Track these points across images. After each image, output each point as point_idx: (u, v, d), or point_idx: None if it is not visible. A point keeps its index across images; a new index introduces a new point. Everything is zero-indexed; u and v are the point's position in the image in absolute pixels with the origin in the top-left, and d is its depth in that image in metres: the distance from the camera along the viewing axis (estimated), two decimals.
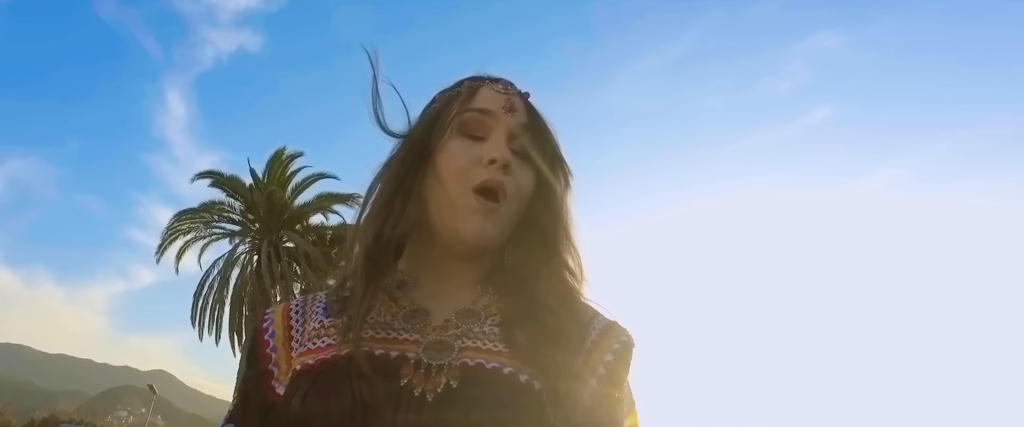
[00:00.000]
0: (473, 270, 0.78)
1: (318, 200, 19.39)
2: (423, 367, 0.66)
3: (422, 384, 0.65)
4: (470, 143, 0.75)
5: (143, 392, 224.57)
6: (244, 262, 18.37)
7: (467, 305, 0.74)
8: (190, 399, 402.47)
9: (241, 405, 0.75)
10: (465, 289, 0.77)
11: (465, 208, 0.72)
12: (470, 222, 0.72)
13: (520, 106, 0.78)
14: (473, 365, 0.66)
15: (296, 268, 18.40)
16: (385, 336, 0.71)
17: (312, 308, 0.79)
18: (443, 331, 0.71)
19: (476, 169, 0.72)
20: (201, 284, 18.25)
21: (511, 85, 0.81)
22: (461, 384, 0.64)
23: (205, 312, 18.04)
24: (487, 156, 0.73)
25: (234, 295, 17.92)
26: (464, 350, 0.68)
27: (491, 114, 0.76)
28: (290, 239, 18.38)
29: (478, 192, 0.72)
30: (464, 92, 0.78)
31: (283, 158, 19.44)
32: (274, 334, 0.76)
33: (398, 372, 0.66)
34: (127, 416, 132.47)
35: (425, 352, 0.68)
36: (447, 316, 0.73)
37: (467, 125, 0.75)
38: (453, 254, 0.77)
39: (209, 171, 18.88)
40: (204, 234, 18.66)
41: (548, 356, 0.68)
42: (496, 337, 0.70)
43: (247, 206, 18.81)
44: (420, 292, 0.76)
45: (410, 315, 0.73)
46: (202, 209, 18.72)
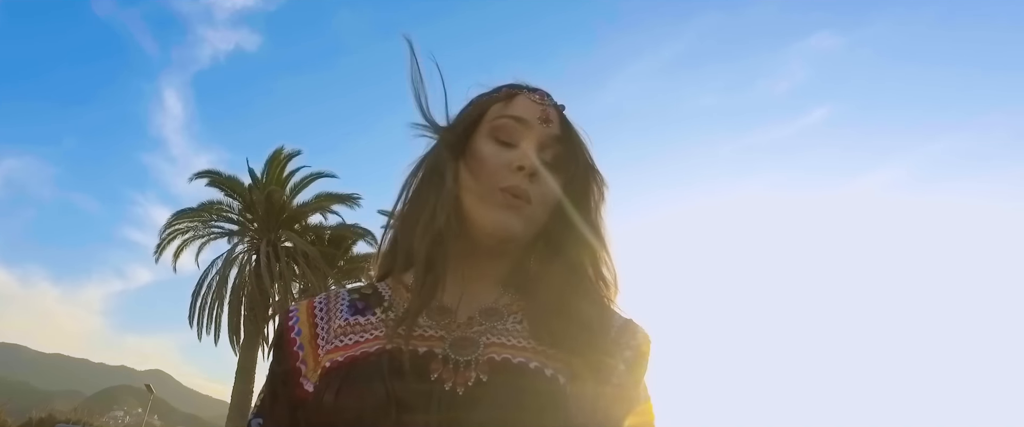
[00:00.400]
0: (495, 270, 0.79)
1: (317, 200, 19.37)
2: (451, 363, 0.67)
3: (452, 379, 0.66)
4: (501, 148, 0.76)
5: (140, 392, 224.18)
6: (242, 262, 18.35)
7: (490, 303, 0.76)
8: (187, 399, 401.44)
9: (270, 401, 0.76)
10: (487, 288, 0.78)
11: (491, 202, 0.74)
12: (494, 214, 0.74)
13: (555, 117, 0.80)
14: (500, 360, 0.68)
15: (295, 268, 18.38)
16: (412, 333, 0.72)
17: (336, 306, 0.80)
18: (468, 328, 0.73)
19: (504, 173, 0.74)
20: (199, 283, 18.24)
21: (548, 96, 0.82)
22: (490, 379, 0.66)
23: (204, 312, 18.01)
24: (516, 162, 0.74)
25: (233, 295, 17.89)
26: (489, 346, 0.70)
27: (525, 122, 0.77)
28: (288, 239, 18.36)
29: (503, 192, 0.74)
30: (501, 98, 0.80)
31: (281, 157, 19.41)
32: (300, 332, 0.77)
33: (428, 368, 0.67)
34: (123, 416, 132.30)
35: (451, 348, 0.69)
36: (471, 314, 0.75)
37: (500, 131, 0.77)
38: (476, 253, 0.78)
39: (207, 171, 18.88)
40: (202, 233, 18.65)
41: (571, 352, 0.69)
42: (520, 333, 0.72)
43: (245, 205, 18.78)
44: (443, 290, 0.77)
45: (434, 312, 0.75)
46: (200, 209, 18.70)
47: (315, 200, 19.36)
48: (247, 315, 17.69)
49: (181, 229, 18.43)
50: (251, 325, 17.73)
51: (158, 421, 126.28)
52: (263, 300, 17.66)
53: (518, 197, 0.74)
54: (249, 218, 18.92)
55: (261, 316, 17.83)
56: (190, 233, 18.49)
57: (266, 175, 19.12)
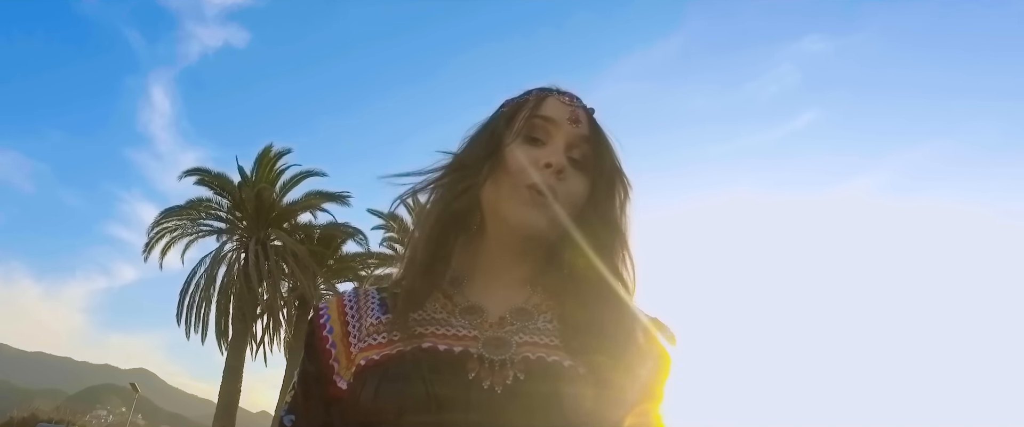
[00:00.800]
0: (522, 269, 0.81)
1: (307, 198, 19.28)
2: (486, 362, 0.69)
3: (490, 378, 0.67)
4: (531, 147, 0.78)
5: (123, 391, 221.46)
6: (231, 260, 18.21)
7: (520, 304, 0.78)
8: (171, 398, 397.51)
9: (302, 398, 0.76)
10: (515, 288, 0.80)
11: (516, 199, 0.75)
12: (519, 211, 0.75)
13: (584, 119, 0.82)
14: (534, 359, 0.69)
15: (284, 267, 18.26)
16: (445, 332, 0.73)
17: (366, 303, 0.80)
18: (499, 328, 0.74)
19: (531, 171, 0.76)
20: (187, 282, 18.09)
21: (577, 98, 0.84)
22: (527, 378, 0.67)
23: (192, 310, 17.86)
24: (544, 160, 0.76)
25: (221, 294, 17.75)
26: (522, 345, 0.71)
27: (554, 122, 0.79)
28: (278, 237, 18.24)
29: (529, 189, 0.76)
30: (532, 100, 0.82)
31: (271, 155, 19.29)
32: (332, 330, 0.77)
33: (464, 367, 0.68)
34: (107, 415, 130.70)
35: (484, 347, 0.70)
36: (502, 314, 0.76)
37: (530, 130, 0.79)
38: (503, 251, 0.80)
39: (196, 168, 18.74)
40: (191, 231, 18.50)
41: (602, 350, 0.71)
42: (551, 332, 0.74)
43: (235, 204, 18.63)
44: (472, 289, 0.79)
45: (465, 311, 0.76)
46: (189, 206, 18.53)
47: (305, 198, 19.26)
48: (235, 314, 17.56)
49: (169, 227, 18.27)
50: (239, 324, 17.60)
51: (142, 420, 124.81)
52: (251, 299, 17.53)
53: (543, 194, 0.75)
54: (238, 216, 18.78)
55: (250, 315, 17.71)
56: (179, 231, 18.34)
57: (256, 173, 18.99)
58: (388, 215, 20.24)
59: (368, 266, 20.05)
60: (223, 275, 17.95)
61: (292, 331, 18.97)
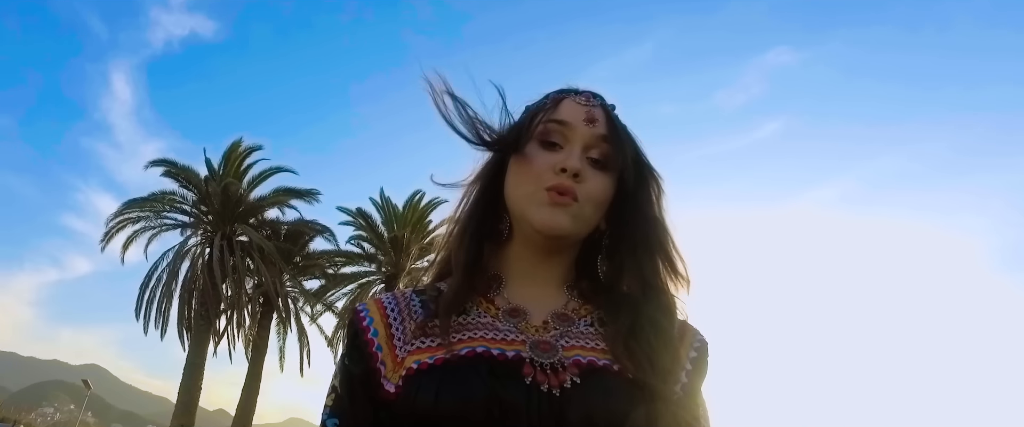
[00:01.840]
0: (555, 268, 0.82)
1: (275, 194, 18.99)
2: (538, 365, 0.70)
3: (546, 381, 0.68)
4: (547, 152, 0.79)
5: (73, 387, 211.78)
6: (195, 255, 17.81)
7: (559, 309, 0.79)
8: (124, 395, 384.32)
9: (348, 401, 0.75)
10: (552, 290, 0.81)
11: (538, 202, 0.76)
12: (541, 213, 0.76)
13: (601, 117, 0.81)
14: (585, 363, 0.71)
15: (249, 263, 17.96)
16: (493, 336, 0.73)
17: (407, 306, 0.80)
18: (544, 332, 0.75)
19: (548, 175, 0.77)
20: (148, 276, 17.64)
21: (595, 97, 0.84)
22: (582, 381, 0.69)
23: (152, 305, 17.43)
24: (560, 164, 0.76)
25: (183, 288, 17.35)
26: (569, 349, 0.73)
27: (569, 125, 0.79)
28: (244, 233, 17.93)
29: (548, 192, 0.76)
30: (549, 104, 0.82)
31: (240, 150, 18.94)
32: (376, 332, 0.77)
33: (520, 370, 0.69)
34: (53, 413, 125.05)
35: (532, 351, 0.71)
36: (544, 317, 0.77)
37: (546, 135, 0.80)
38: (535, 252, 0.81)
39: (162, 159, 18.31)
40: (154, 224, 18.03)
41: (644, 354, 0.72)
42: (594, 336, 0.75)
43: (201, 197, 18.24)
44: (512, 292, 0.80)
45: (508, 314, 0.77)
46: (153, 198, 18.07)
47: (273, 194, 18.97)
48: (198, 310, 17.19)
49: (131, 218, 17.76)
50: (202, 320, 17.23)
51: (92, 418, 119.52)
52: (215, 295, 17.19)
53: (563, 194, 0.75)
54: (204, 210, 18.37)
55: (213, 311, 17.35)
56: (141, 223, 17.86)
57: (223, 167, 18.62)
58: (357, 213, 20.15)
59: (336, 264, 19.84)
60: (186, 270, 17.57)
61: (255, 328, 18.66)
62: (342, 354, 0.78)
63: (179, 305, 17.32)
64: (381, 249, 19.90)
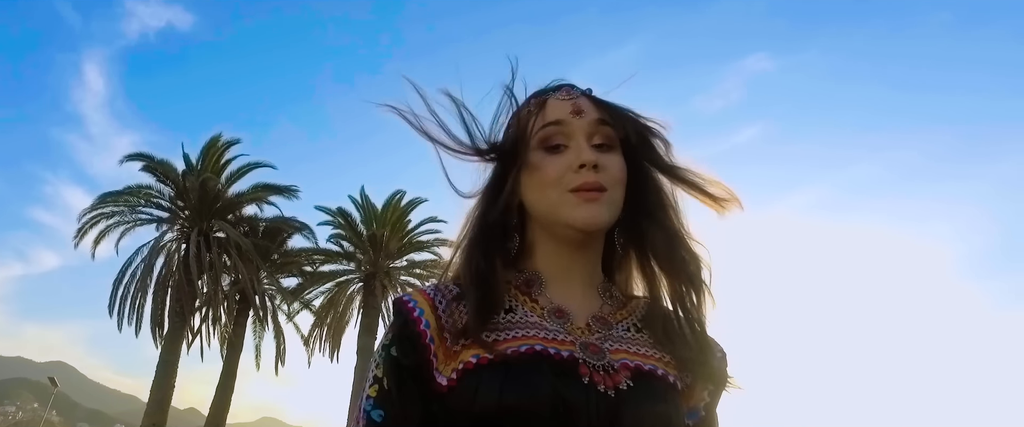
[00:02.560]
0: (586, 265, 0.82)
1: (253, 190, 18.78)
2: (590, 366, 0.71)
3: (603, 382, 0.70)
4: (555, 156, 0.79)
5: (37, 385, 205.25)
6: (170, 251, 17.57)
7: (596, 311, 0.80)
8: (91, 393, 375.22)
9: (396, 392, 0.73)
10: (587, 291, 0.82)
11: (565, 205, 0.77)
12: (578, 212, 0.76)
13: (586, 105, 0.81)
14: (633, 366, 0.73)
15: (226, 259, 17.77)
16: (544, 336, 0.73)
17: (454, 299, 0.78)
18: (588, 333, 0.76)
19: (568, 176, 0.77)
20: (122, 272, 17.33)
21: (572, 88, 0.84)
22: (634, 384, 0.71)
23: (125, 301, 17.13)
24: (576, 162, 0.77)
25: (158, 285, 17.10)
26: (615, 353, 0.74)
27: (563, 123, 0.80)
28: (221, 229, 17.72)
29: (575, 193, 0.77)
30: (534, 109, 0.82)
31: (219, 145, 18.70)
32: (428, 324, 0.75)
33: (577, 370, 0.70)
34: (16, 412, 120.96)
35: (582, 352, 0.72)
36: (585, 320, 0.78)
37: (546, 140, 0.80)
38: (569, 249, 0.81)
39: (139, 153, 17.95)
40: (129, 219, 17.70)
41: (680, 360, 0.76)
42: (634, 340, 0.77)
43: (178, 192, 17.98)
44: (552, 292, 0.80)
45: (554, 315, 0.77)
46: (128, 193, 17.76)
47: (252, 190, 18.76)
48: (173, 306, 16.96)
49: (106, 213, 17.44)
50: (176, 317, 16.99)
51: (57, 417, 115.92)
52: (191, 291, 16.97)
53: (591, 190, 0.76)
54: (180, 205, 18.11)
55: (188, 308, 17.13)
56: (115, 218, 17.53)
57: (202, 162, 18.38)
58: (336, 211, 20.03)
59: (314, 262, 19.70)
60: (161, 266, 17.31)
61: (231, 326, 18.47)
62: (384, 345, 0.76)
63: (154, 301, 17.05)
64: (360, 248, 19.82)
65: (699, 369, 0.76)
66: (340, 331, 19.74)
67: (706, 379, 0.77)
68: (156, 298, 17.03)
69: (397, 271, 20.31)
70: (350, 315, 19.91)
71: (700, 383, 0.77)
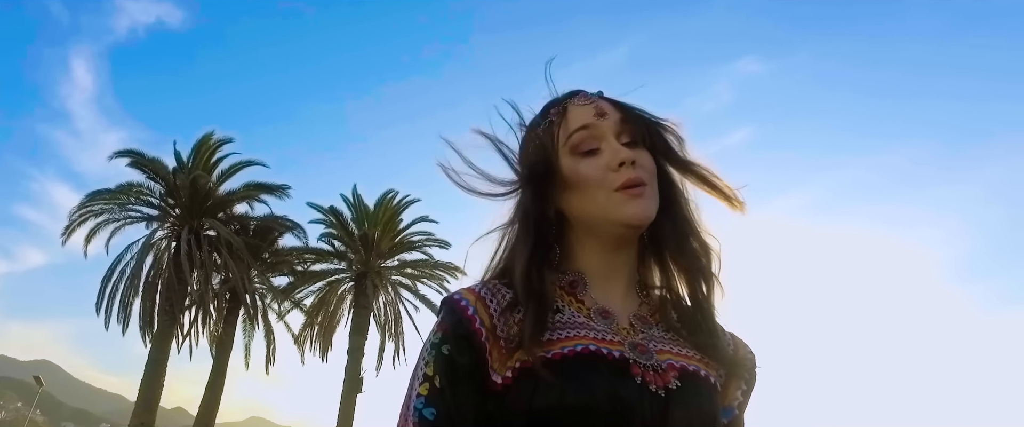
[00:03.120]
0: (626, 264, 0.84)
1: (245, 188, 18.68)
2: (641, 366, 0.72)
3: (654, 381, 0.71)
4: (590, 159, 0.80)
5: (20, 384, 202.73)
6: (160, 249, 17.45)
7: (635, 310, 0.82)
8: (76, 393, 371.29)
9: (450, 392, 0.72)
10: (628, 291, 0.83)
11: (616, 204, 0.78)
12: (629, 209, 0.77)
13: (606, 106, 0.83)
14: (679, 366, 0.74)
15: (216, 258, 17.68)
16: (595, 336, 0.74)
17: (504, 300, 0.78)
18: (633, 333, 0.78)
19: (611, 176, 0.78)
20: (111, 270, 17.19)
21: (587, 93, 0.86)
22: (682, 383, 0.72)
23: (114, 300, 17.00)
24: (615, 161, 0.78)
25: (148, 283, 16.99)
26: (660, 353, 0.75)
27: (591, 127, 0.81)
28: (212, 227, 17.61)
29: (621, 191, 0.78)
30: (556, 119, 0.84)
31: (211, 143, 18.60)
32: (483, 323, 0.75)
33: (629, 370, 0.71)
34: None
35: (631, 352, 0.73)
36: (628, 320, 0.80)
37: (578, 145, 0.81)
38: (613, 248, 0.82)
39: (129, 150, 17.79)
40: (118, 217, 17.55)
41: (718, 362, 0.78)
42: (673, 341, 0.79)
43: (168, 190, 17.87)
44: (596, 293, 0.81)
45: (600, 315, 0.78)
46: (118, 190, 17.61)
47: (243, 189, 18.64)
48: (162, 305, 16.85)
49: (95, 211, 17.27)
50: (166, 316, 16.89)
51: (41, 417, 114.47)
52: (181, 290, 16.87)
53: (636, 186, 0.78)
54: (171, 203, 18.00)
55: (178, 306, 17.03)
56: (105, 215, 17.36)
57: (193, 159, 18.27)
58: (328, 210, 19.99)
59: (305, 261, 19.65)
60: (151, 264, 17.20)
61: (221, 324, 18.38)
62: (434, 343, 0.75)
63: (143, 300, 16.91)
64: (351, 247, 19.78)
65: (729, 366, 0.79)
66: (331, 330, 19.70)
67: (739, 377, 0.80)
68: (146, 296, 16.90)
69: (388, 271, 20.29)
70: (341, 315, 19.90)
71: (733, 382, 0.79)
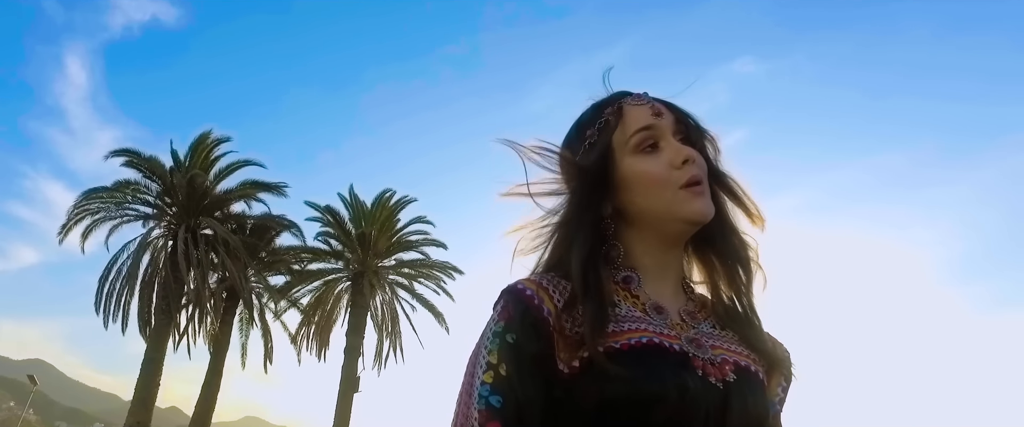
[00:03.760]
0: (677, 260, 0.86)
1: (242, 187, 18.67)
2: (701, 360, 0.74)
3: (714, 374, 0.73)
4: (653, 156, 0.82)
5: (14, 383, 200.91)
6: (157, 247, 17.44)
7: (683, 306, 0.83)
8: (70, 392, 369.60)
9: (516, 378, 0.72)
10: (677, 288, 0.85)
11: (680, 201, 0.80)
12: (693, 206, 0.80)
13: (660, 107, 0.86)
14: (732, 361, 0.76)
15: (213, 257, 17.67)
16: (655, 329, 0.76)
17: (566, 292, 0.78)
18: (685, 329, 0.79)
19: (675, 175, 0.81)
20: (108, 268, 17.14)
21: (636, 93, 0.88)
22: (738, 377, 0.74)
23: (111, 298, 16.96)
24: (678, 159, 0.81)
25: (144, 281, 16.97)
26: (713, 348, 0.77)
27: (651, 127, 0.83)
28: (209, 226, 17.61)
29: (685, 188, 0.80)
30: (612, 118, 0.85)
31: (208, 142, 18.59)
32: (550, 312, 0.75)
33: (691, 361, 0.73)
34: None
35: (689, 345, 0.75)
36: (677, 314, 0.81)
37: (641, 144, 0.83)
38: (669, 244, 0.84)
39: (125, 148, 17.80)
40: (115, 215, 17.53)
41: (761, 356, 0.80)
42: (723, 337, 0.81)
43: (165, 189, 17.85)
44: (648, 288, 0.83)
45: (653, 310, 0.80)
46: (115, 188, 17.58)
47: (240, 187, 18.64)
48: (159, 304, 16.84)
49: (92, 209, 17.25)
50: (163, 314, 16.87)
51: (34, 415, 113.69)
52: (178, 288, 16.86)
53: (698, 184, 0.80)
54: (168, 202, 17.97)
55: (175, 305, 17.02)
56: (101, 214, 17.34)
57: (190, 158, 18.25)
58: (325, 209, 19.98)
59: (302, 260, 19.65)
60: (148, 263, 17.17)
61: (218, 323, 18.37)
62: (497, 332, 0.76)
63: (140, 299, 16.89)
64: (349, 246, 19.80)
65: (773, 363, 0.81)
66: (328, 330, 19.70)
67: (779, 373, 0.82)
68: (142, 295, 16.88)
69: (385, 270, 20.30)
70: (338, 314, 19.90)
71: (773, 378, 0.82)
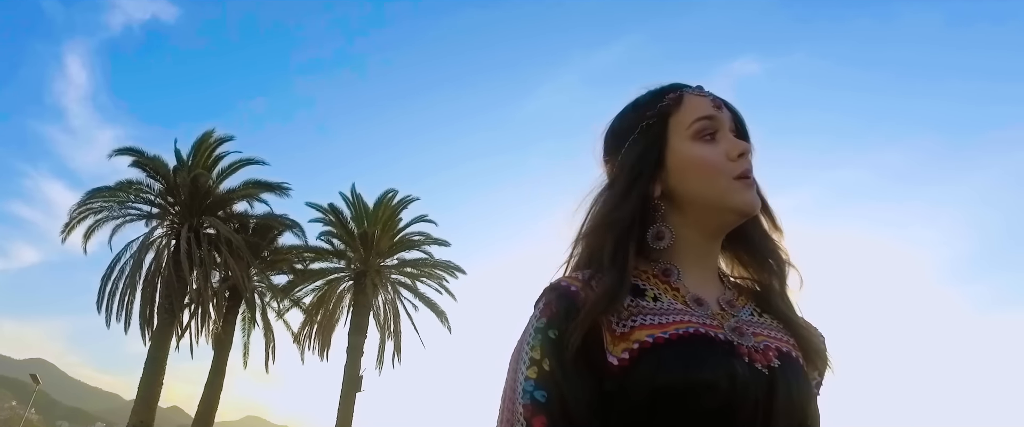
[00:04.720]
0: (715, 253, 0.88)
1: (245, 187, 18.67)
2: (746, 347, 0.75)
3: (759, 361, 0.74)
4: (711, 145, 0.84)
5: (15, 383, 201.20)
6: (160, 247, 17.44)
7: (720, 295, 0.84)
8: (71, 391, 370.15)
9: (560, 371, 0.72)
10: (713, 279, 0.86)
11: (734, 190, 0.82)
12: (742, 197, 0.82)
13: (720, 101, 0.88)
14: (774, 347, 0.77)
15: (216, 256, 17.67)
16: (698, 320, 0.77)
17: (588, 283, 0.80)
18: (726, 318, 0.80)
19: (730, 165, 0.83)
20: (111, 267, 17.13)
21: (702, 87, 0.90)
22: (781, 363, 0.75)
23: (114, 298, 16.96)
24: (734, 151, 0.83)
25: (147, 281, 16.97)
26: (755, 335, 0.78)
27: (713, 117, 0.85)
28: (212, 225, 17.61)
29: (738, 179, 0.83)
30: (672, 105, 0.87)
31: (211, 141, 18.58)
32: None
33: (736, 350, 0.74)
34: None
35: (731, 334, 0.76)
36: (720, 305, 0.82)
37: (701, 133, 0.85)
38: (711, 237, 0.86)
39: (128, 148, 17.79)
40: (118, 214, 17.53)
41: (800, 342, 0.81)
42: (762, 324, 0.81)
43: (168, 188, 17.85)
44: (687, 280, 0.83)
45: (694, 302, 0.81)
46: (118, 188, 17.59)
47: (243, 187, 18.64)
48: (162, 303, 16.84)
49: (95, 208, 17.25)
50: (165, 313, 16.87)
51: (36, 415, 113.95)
52: (181, 288, 16.87)
53: (749, 177, 0.83)
54: (171, 201, 17.98)
55: (177, 304, 17.02)
56: (104, 213, 17.34)
57: (193, 158, 18.25)
58: (327, 208, 19.98)
59: (305, 260, 19.65)
60: (150, 262, 17.18)
61: (221, 322, 18.38)
62: (540, 328, 0.76)
63: (143, 297, 16.88)
64: (351, 246, 19.80)
65: (810, 348, 0.82)
66: (330, 329, 19.70)
67: (816, 358, 0.83)
68: (145, 294, 16.87)
69: (388, 270, 20.30)
70: (340, 313, 19.89)
71: (810, 364, 0.82)
